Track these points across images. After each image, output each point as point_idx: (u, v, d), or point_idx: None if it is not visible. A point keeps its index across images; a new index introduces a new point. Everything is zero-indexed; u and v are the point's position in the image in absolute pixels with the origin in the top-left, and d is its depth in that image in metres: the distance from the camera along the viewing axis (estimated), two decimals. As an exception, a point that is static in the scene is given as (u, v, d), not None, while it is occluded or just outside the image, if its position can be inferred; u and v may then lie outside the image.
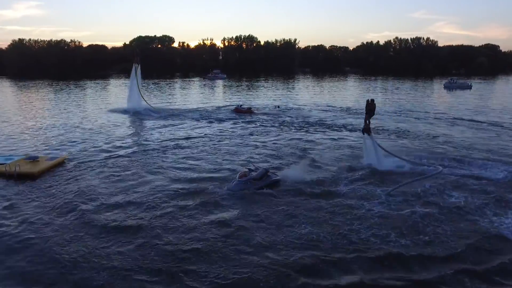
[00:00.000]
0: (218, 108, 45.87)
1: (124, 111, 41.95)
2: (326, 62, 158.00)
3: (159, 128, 33.12)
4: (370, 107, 19.96)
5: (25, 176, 18.92)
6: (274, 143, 26.71)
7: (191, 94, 67.02)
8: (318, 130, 31.85)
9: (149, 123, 35.52)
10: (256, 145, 26.17)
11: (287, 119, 37.31)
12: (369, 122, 20.24)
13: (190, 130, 31.78)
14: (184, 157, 22.86)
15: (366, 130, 20.16)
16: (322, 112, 42.46)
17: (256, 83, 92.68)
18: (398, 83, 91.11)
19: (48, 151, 24.34)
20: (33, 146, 26.08)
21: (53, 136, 29.29)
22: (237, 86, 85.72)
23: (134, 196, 16.51)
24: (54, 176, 19.32)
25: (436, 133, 30.18)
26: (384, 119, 37.32)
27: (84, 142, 27.25)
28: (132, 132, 31.65)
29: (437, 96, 63.87)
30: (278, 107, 46.16)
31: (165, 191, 16.96)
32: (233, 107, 43.03)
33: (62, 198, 16.27)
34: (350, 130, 31.68)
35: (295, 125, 34.07)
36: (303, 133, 30.44)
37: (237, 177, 17.33)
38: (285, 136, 29.18)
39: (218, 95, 66.91)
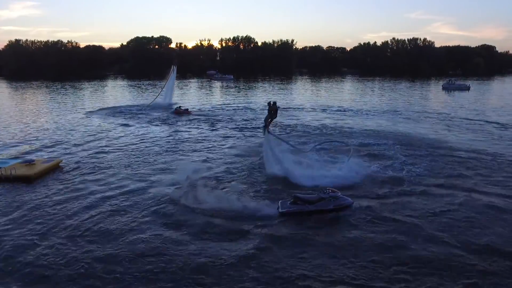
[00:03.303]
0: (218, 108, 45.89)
1: (120, 112, 42.29)
2: (323, 63, 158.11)
3: (155, 129, 32.93)
4: (272, 108, 19.97)
5: (21, 180, 18.65)
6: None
7: (190, 95, 66.78)
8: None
9: (143, 124, 35.22)
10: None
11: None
12: (270, 121, 20.16)
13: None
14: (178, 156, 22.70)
15: (265, 130, 19.90)
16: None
17: (254, 84, 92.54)
18: (395, 84, 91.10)
19: (43, 154, 24.05)
20: (28, 149, 25.72)
21: (48, 138, 28.94)
22: (235, 87, 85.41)
23: (128, 199, 16.22)
24: (50, 179, 19.04)
25: (440, 137, 29.31)
26: (383, 120, 37.22)
27: (79, 144, 26.93)
28: (127, 133, 31.23)
29: (436, 98, 63.83)
30: (278, 107, 46.21)
31: (163, 196, 16.66)
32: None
33: (59, 202, 15.96)
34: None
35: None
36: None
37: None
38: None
39: (216, 96, 66.72)
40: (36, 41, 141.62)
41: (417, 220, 14.01)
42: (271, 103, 20.26)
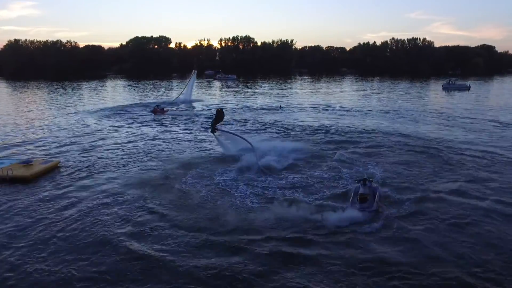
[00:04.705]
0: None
1: (119, 112, 42.55)
2: (323, 62, 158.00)
3: (155, 130, 32.72)
4: (219, 115, 22.21)
5: (18, 180, 18.41)
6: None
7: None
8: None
9: (144, 125, 35.00)
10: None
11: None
12: (216, 124, 22.23)
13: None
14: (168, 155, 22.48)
15: (213, 130, 22.29)
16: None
17: (254, 84, 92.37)
18: (395, 84, 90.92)
19: (41, 155, 23.80)
20: (27, 149, 25.49)
21: (46, 139, 28.68)
22: (235, 86, 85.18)
23: (125, 203, 15.90)
24: (48, 180, 18.77)
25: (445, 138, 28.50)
26: (383, 120, 36.99)
27: (78, 144, 26.66)
28: (126, 133, 31.00)
29: (437, 98, 63.59)
30: (281, 107, 46.18)
31: (162, 200, 16.38)
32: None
33: (53, 204, 15.71)
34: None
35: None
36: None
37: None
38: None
39: (215, 95, 66.50)
40: (35, 41, 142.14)
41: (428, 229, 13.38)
42: (219, 109, 22.73)
